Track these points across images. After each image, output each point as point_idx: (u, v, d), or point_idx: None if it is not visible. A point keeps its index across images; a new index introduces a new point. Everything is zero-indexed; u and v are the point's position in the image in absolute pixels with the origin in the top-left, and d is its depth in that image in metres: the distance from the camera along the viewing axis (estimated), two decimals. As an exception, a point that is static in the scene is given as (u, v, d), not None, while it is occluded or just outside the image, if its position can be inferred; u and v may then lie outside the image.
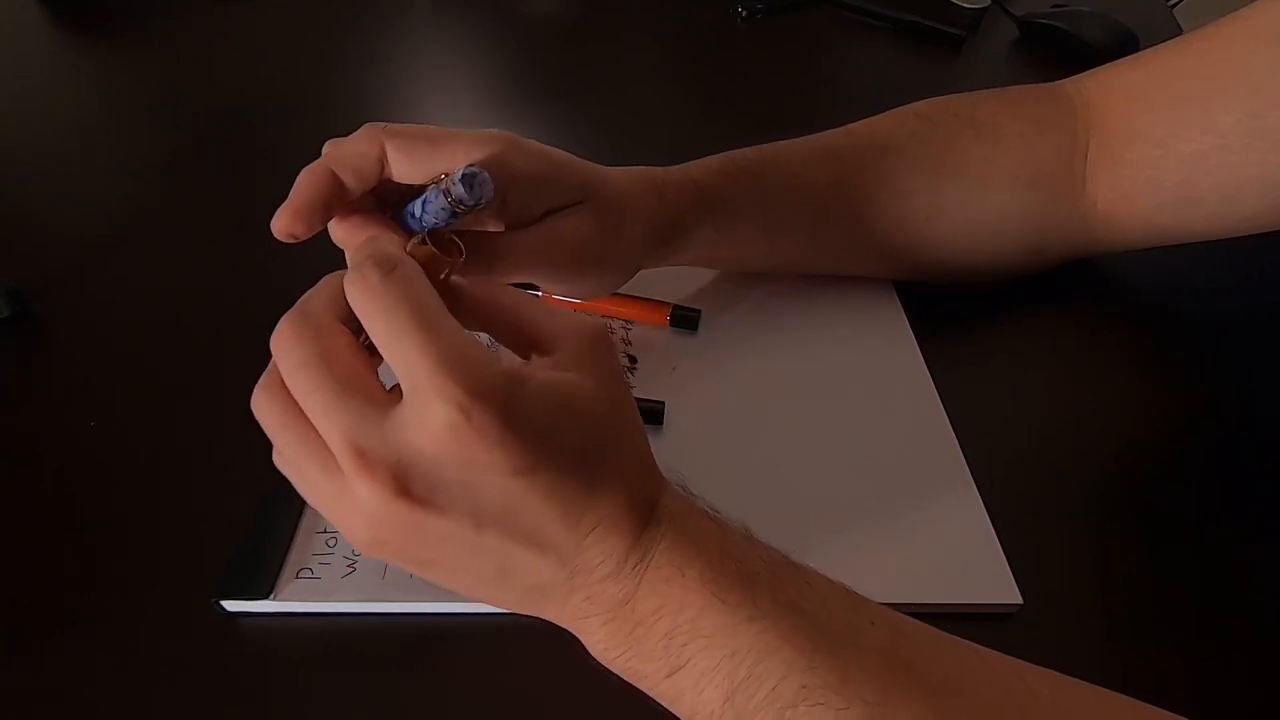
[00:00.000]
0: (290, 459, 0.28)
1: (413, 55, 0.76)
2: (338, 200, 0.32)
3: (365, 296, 0.26)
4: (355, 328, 0.28)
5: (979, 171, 0.46)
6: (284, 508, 0.39)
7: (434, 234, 0.30)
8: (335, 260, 0.32)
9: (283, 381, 0.27)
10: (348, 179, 0.32)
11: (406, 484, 0.25)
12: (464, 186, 0.30)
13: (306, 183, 0.32)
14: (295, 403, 0.27)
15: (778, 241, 0.47)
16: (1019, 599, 0.36)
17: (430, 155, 0.32)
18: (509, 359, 0.29)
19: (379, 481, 0.25)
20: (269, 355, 0.27)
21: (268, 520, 0.39)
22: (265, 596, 0.36)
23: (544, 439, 0.26)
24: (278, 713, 0.34)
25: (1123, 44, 0.70)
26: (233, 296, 0.51)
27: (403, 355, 0.26)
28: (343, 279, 0.28)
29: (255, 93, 0.71)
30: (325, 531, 0.39)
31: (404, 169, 0.32)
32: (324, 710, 0.34)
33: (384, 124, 0.33)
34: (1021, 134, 0.46)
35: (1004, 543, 0.38)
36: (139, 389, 0.46)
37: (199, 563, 0.38)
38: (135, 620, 0.37)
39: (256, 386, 0.28)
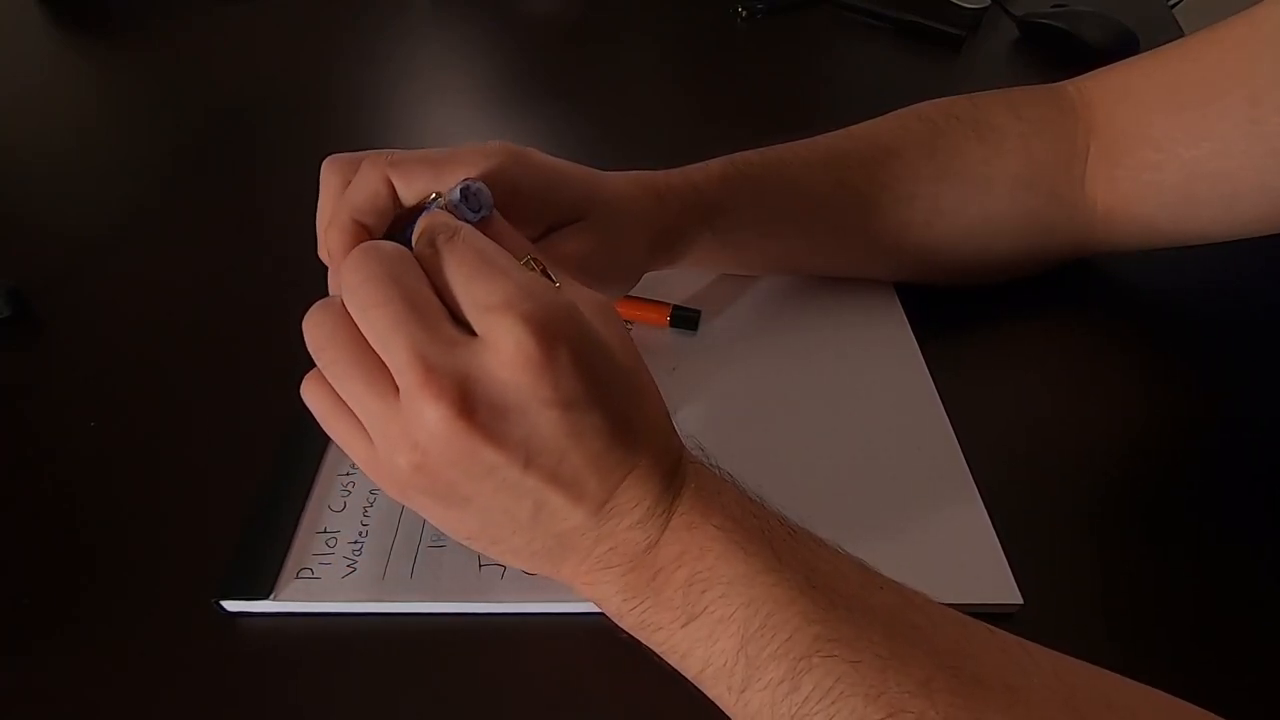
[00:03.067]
0: (336, 375, 0.27)
1: (413, 55, 0.76)
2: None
3: (434, 253, 0.28)
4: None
5: (980, 174, 0.46)
6: (284, 508, 0.39)
7: None
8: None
9: (341, 302, 0.27)
10: (370, 220, 0.32)
11: (472, 406, 0.25)
12: (461, 200, 0.31)
13: (341, 244, 0.31)
14: (351, 320, 0.27)
15: (779, 244, 0.47)
16: (1019, 599, 0.36)
17: (432, 179, 0.32)
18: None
19: (445, 400, 0.25)
20: (270, 354, 0.27)
21: (268, 520, 0.39)
22: (265, 596, 0.36)
23: (598, 379, 0.26)
24: (278, 713, 0.34)
25: (1123, 44, 0.70)
26: (233, 296, 0.51)
27: (477, 290, 0.26)
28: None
29: (255, 93, 0.71)
30: (325, 531, 0.39)
31: (408, 197, 0.33)
32: (324, 710, 0.34)
33: (386, 153, 0.33)
34: (1022, 136, 0.46)
35: (1004, 543, 0.38)
36: (139, 389, 0.46)
37: (199, 563, 0.38)
38: (135, 620, 0.37)
39: (314, 305, 0.28)
